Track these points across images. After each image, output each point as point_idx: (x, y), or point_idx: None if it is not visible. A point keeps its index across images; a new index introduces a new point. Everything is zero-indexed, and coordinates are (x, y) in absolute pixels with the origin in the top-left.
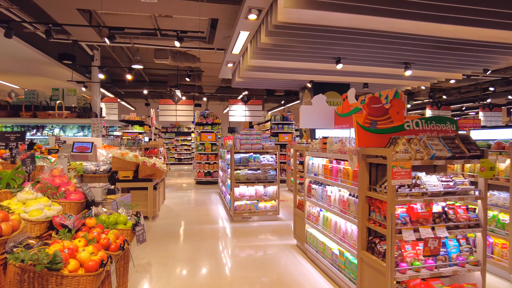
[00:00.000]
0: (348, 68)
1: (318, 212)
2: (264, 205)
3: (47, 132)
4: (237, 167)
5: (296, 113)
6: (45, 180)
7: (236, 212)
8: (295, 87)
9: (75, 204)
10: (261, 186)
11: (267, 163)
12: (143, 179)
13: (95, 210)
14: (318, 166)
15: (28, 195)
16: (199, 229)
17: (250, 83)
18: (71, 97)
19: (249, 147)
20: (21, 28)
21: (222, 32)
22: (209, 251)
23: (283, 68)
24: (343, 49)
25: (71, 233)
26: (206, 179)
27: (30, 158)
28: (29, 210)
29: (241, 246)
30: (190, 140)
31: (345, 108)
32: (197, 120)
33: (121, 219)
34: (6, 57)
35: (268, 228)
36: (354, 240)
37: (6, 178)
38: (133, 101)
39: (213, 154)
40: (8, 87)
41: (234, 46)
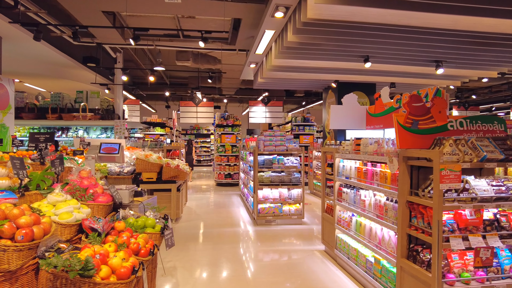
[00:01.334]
0: (376, 67)
1: (350, 217)
2: (288, 209)
3: (71, 134)
4: (260, 169)
5: (318, 115)
6: (74, 182)
7: (259, 215)
8: (318, 88)
9: (103, 206)
10: (285, 188)
11: (292, 165)
12: (167, 180)
13: (122, 213)
14: (350, 168)
15: (58, 197)
16: (222, 232)
17: (273, 83)
18: (95, 99)
19: (273, 149)
20: (48, 32)
21: (245, 33)
22: (233, 255)
23: (307, 68)
24: (372, 46)
25: (100, 237)
26: (226, 181)
27: (59, 159)
28: (59, 212)
29: (266, 250)
30: (209, 142)
31: (378, 108)
32: (217, 122)
33: (150, 223)
34: (35, 62)
35: (293, 232)
36: (392, 248)
37: (36, 179)
38: (154, 103)
39: (233, 155)
40: (36, 90)
41: (258, 46)
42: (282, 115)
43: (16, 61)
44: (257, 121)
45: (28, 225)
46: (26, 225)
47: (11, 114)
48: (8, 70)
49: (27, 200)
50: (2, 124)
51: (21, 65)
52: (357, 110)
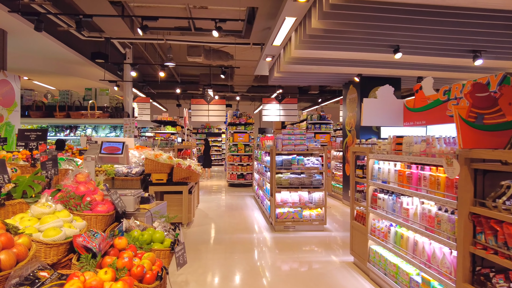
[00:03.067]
0: (404, 59)
1: (387, 227)
2: (309, 214)
3: (79, 133)
4: (278, 170)
5: (334, 112)
6: (68, 188)
7: (277, 221)
8: (337, 83)
9: (103, 217)
10: (305, 192)
11: (312, 166)
12: (178, 182)
13: (126, 224)
14: (388, 171)
15: (44, 208)
16: (237, 238)
17: (289, 79)
18: (104, 96)
19: (292, 148)
20: (55, 27)
21: (260, 24)
22: (251, 266)
23: (329, 60)
24: (403, 34)
25: (96, 259)
26: (239, 182)
27: (52, 161)
28: (45, 228)
29: (287, 260)
30: (220, 141)
31: (419, 101)
32: (229, 120)
33: (158, 237)
34: (42, 58)
35: (315, 239)
36: (447, 267)
37: (23, 185)
38: (165, 102)
39: (246, 155)
40: (45, 88)
41: (276, 36)
42: (296, 113)
43: (24, 57)
44: (271, 119)
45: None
46: None
47: (17, 112)
48: (16, 67)
49: (8, 211)
50: (7, 123)
51: (29, 61)
52: (394, 104)
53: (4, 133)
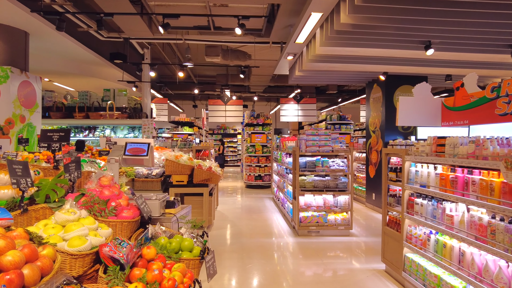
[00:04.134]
0: (435, 56)
1: (426, 235)
2: (334, 218)
3: (98, 133)
4: (302, 172)
5: (353, 113)
6: (92, 192)
7: (301, 225)
8: (360, 82)
9: (128, 223)
10: (330, 195)
11: (338, 168)
12: (198, 184)
13: (152, 230)
14: (427, 175)
15: (69, 215)
16: (260, 243)
17: (311, 77)
18: (122, 97)
19: (316, 150)
20: (75, 28)
21: (282, 21)
22: (278, 273)
23: (355, 57)
24: (437, 28)
25: (124, 271)
26: (256, 183)
27: (75, 163)
28: (69, 237)
29: (313, 267)
30: (236, 141)
31: (460, 100)
32: (246, 121)
33: (186, 245)
34: (63, 59)
35: (340, 245)
36: (504, 283)
37: (46, 189)
38: (181, 103)
39: (263, 156)
40: (64, 89)
41: (300, 33)
42: (315, 113)
43: (45, 59)
44: (289, 119)
45: (15, 265)
46: (13, 265)
47: (38, 113)
48: (37, 69)
49: (31, 216)
50: (29, 123)
51: (50, 63)
52: (431, 103)
53: (26, 133)
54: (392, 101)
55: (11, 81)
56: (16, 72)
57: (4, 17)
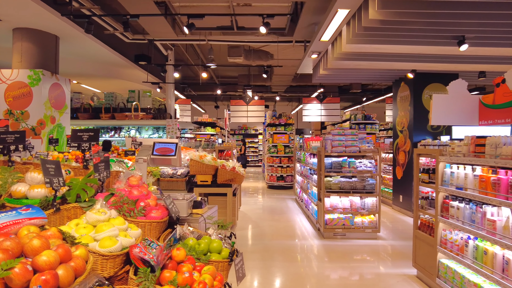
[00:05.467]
0: (468, 52)
1: (464, 240)
2: (361, 220)
3: (123, 134)
4: (327, 173)
5: (379, 113)
6: (121, 192)
7: (327, 227)
8: (386, 80)
9: (157, 224)
10: (357, 197)
11: (365, 169)
12: (222, 184)
13: (180, 231)
14: (464, 176)
15: (99, 214)
16: (285, 245)
17: (336, 76)
18: (147, 98)
19: (343, 150)
20: (102, 30)
21: (306, 19)
22: (302, 275)
23: (382, 55)
24: (471, 22)
25: (154, 272)
26: (278, 184)
27: (104, 163)
28: (100, 237)
29: (340, 271)
30: (257, 142)
31: (501, 97)
32: (268, 121)
33: (215, 246)
34: (89, 61)
35: (367, 248)
36: None
37: (76, 189)
38: (203, 104)
39: (286, 156)
40: (91, 91)
41: (326, 30)
42: (338, 112)
43: (73, 61)
44: (311, 119)
45: (51, 265)
46: (48, 265)
47: (67, 114)
48: (66, 71)
49: (63, 215)
50: (59, 124)
51: (78, 65)
52: (467, 100)
53: (56, 134)
54: (420, 100)
55: (42, 84)
56: (47, 74)
57: (37, 23)
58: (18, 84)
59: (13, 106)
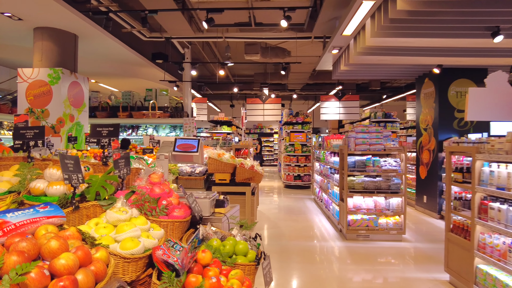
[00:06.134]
0: (500, 44)
1: (507, 245)
2: (385, 222)
3: (141, 132)
4: (350, 172)
5: (398, 111)
6: (142, 190)
7: (349, 229)
8: (409, 76)
9: (180, 224)
10: (381, 197)
11: (390, 168)
12: (240, 183)
13: (203, 231)
14: (508, 176)
15: (120, 214)
16: (306, 246)
17: (357, 72)
18: (164, 97)
19: (367, 148)
20: (119, 28)
21: (327, 14)
22: (324, 278)
23: (408, 49)
24: (508, 11)
25: (179, 277)
26: (295, 183)
27: (124, 159)
28: (122, 238)
29: (363, 273)
30: (272, 141)
31: None
32: (285, 119)
33: (241, 248)
34: (107, 60)
35: (393, 251)
36: None
37: (96, 186)
38: (219, 102)
39: (303, 155)
40: (109, 90)
41: (349, 24)
42: (357, 110)
43: (91, 60)
44: (329, 117)
45: (69, 270)
46: (67, 270)
47: (85, 112)
48: (84, 70)
49: (82, 214)
50: (77, 122)
51: (96, 64)
52: (507, 94)
53: (75, 132)
54: (446, 96)
55: (62, 82)
56: (66, 73)
57: (57, 22)
58: (38, 83)
59: (34, 105)
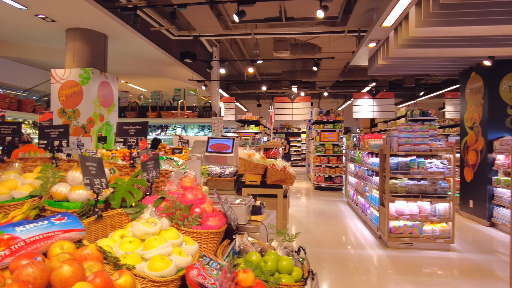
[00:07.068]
0: None
1: None
2: (431, 229)
3: (170, 132)
4: (392, 175)
5: (431, 108)
6: (173, 196)
7: (391, 236)
8: (453, 70)
9: (215, 235)
10: (426, 202)
11: (437, 170)
12: (272, 185)
13: (239, 242)
14: None
15: (149, 226)
16: (343, 254)
17: (395, 67)
18: (192, 96)
19: (411, 148)
20: (147, 27)
21: (363, 5)
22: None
23: (456, 39)
24: None
25: None
26: (326, 185)
27: (153, 161)
28: (150, 256)
29: (407, 285)
30: (299, 141)
31: None
32: (315, 118)
33: (285, 265)
34: (136, 60)
35: (440, 261)
36: None
37: (122, 191)
38: (245, 102)
39: (334, 156)
40: (138, 90)
41: (390, 14)
42: (392, 108)
43: (120, 60)
44: (362, 116)
45: None
46: None
47: (115, 112)
48: (113, 70)
49: (106, 224)
50: (107, 122)
51: (124, 64)
52: None
53: (105, 132)
54: (497, 91)
55: (92, 82)
56: (97, 73)
57: (88, 22)
58: (70, 83)
59: (65, 105)
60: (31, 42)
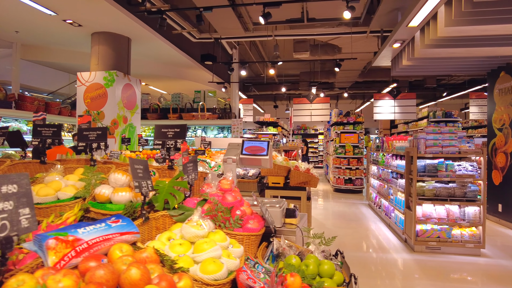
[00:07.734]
0: None
1: None
2: (459, 233)
3: (190, 134)
4: (419, 178)
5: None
6: (214, 198)
7: (418, 240)
8: (481, 70)
9: (255, 238)
10: (455, 205)
11: (466, 173)
12: (295, 187)
13: (276, 245)
14: None
15: (198, 228)
16: (369, 259)
17: (420, 67)
18: (212, 98)
19: (439, 151)
20: (170, 30)
21: (387, 5)
22: None
23: (486, 38)
24: None
25: None
26: (346, 187)
27: (193, 163)
28: (202, 259)
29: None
30: (317, 142)
31: None
32: (334, 119)
33: (326, 269)
34: (157, 63)
35: (469, 267)
36: None
37: (164, 193)
38: (262, 103)
39: (354, 158)
40: (158, 92)
41: (417, 14)
42: (414, 109)
43: (142, 63)
44: (383, 117)
45: None
46: None
47: (138, 114)
48: (135, 73)
49: (151, 226)
50: (130, 124)
51: (146, 67)
52: None
53: (128, 133)
54: None
55: (116, 84)
56: (120, 75)
57: (112, 26)
58: (95, 86)
59: (90, 107)
60: (57, 46)
